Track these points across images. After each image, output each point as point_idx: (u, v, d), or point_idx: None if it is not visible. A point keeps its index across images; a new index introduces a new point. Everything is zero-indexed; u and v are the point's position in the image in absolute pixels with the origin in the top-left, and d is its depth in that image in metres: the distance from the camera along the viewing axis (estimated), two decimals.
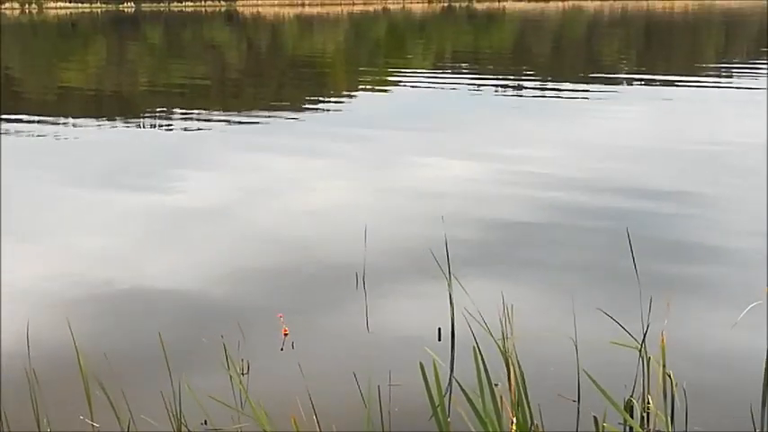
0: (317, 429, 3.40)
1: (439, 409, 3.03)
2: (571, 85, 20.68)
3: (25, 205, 9.02)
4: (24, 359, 4.55)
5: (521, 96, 18.78)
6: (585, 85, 20.60)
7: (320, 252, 7.17)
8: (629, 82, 21.50)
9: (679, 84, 20.31)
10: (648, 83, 21.10)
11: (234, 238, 7.69)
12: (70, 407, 4.23)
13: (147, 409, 4.05)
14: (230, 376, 4.29)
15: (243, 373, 4.82)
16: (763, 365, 3.62)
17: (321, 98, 19.40)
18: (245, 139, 13.49)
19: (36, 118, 16.46)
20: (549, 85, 20.88)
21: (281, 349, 5.24)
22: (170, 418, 3.83)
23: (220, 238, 7.68)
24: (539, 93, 19.06)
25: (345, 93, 20.62)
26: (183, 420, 3.81)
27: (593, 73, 24.15)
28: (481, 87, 20.62)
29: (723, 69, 24.67)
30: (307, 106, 17.91)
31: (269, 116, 16.08)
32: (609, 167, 10.45)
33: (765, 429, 3.66)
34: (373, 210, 8.53)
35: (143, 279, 6.53)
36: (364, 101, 19.01)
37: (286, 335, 5.36)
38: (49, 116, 16.53)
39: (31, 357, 4.43)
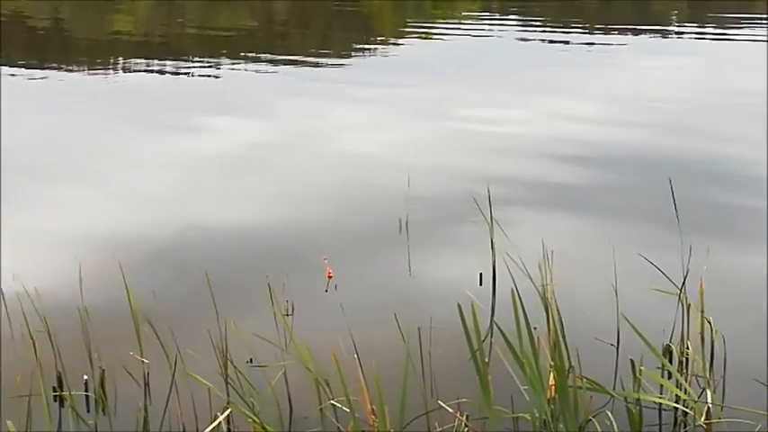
0: (359, 368, 3.49)
1: (477, 352, 3.09)
2: (619, 34, 20.40)
3: (73, 148, 9.19)
4: (77, 297, 4.69)
5: (568, 45, 18.59)
6: (634, 35, 20.32)
7: (364, 197, 7.24)
8: (680, 34, 21.18)
9: (729, 37, 19.95)
10: (699, 35, 20.75)
11: (279, 181, 7.78)
12: (120, 343, 4.36)
13: (194, 346, 4.17)
14: (275, 316, 4.39)
15: (287, 314, 4.92)
16: None
17: (367, 44, 19.34)
18: (292, 84, 13.54)
19: (85, 59, 16.65)
20: (598, 34, 20.63)
21: (325, 291, 5.34)
22: (216, 355, 3.95)
23: (266, 182, 7.77)
24: (586, 42, 18.85)
25: (392, 40, 20.52)
26: (228, 357, 3.92)
27: (642, 23, 23.79)
28: (527, 36, 20.42)
29: None
30: (353, 52, 17.88)
31: (315, 62, 16.10)
32: (654, 117, 10.37)
33: None
34: (417, 156, 8.57)
35: (191, 221, 6.65)
36: (410, 48, 18.93)
37: (330, 277, 5.45)
38: (99, 61, 16.69)
39: (83, 296, 4.57)
